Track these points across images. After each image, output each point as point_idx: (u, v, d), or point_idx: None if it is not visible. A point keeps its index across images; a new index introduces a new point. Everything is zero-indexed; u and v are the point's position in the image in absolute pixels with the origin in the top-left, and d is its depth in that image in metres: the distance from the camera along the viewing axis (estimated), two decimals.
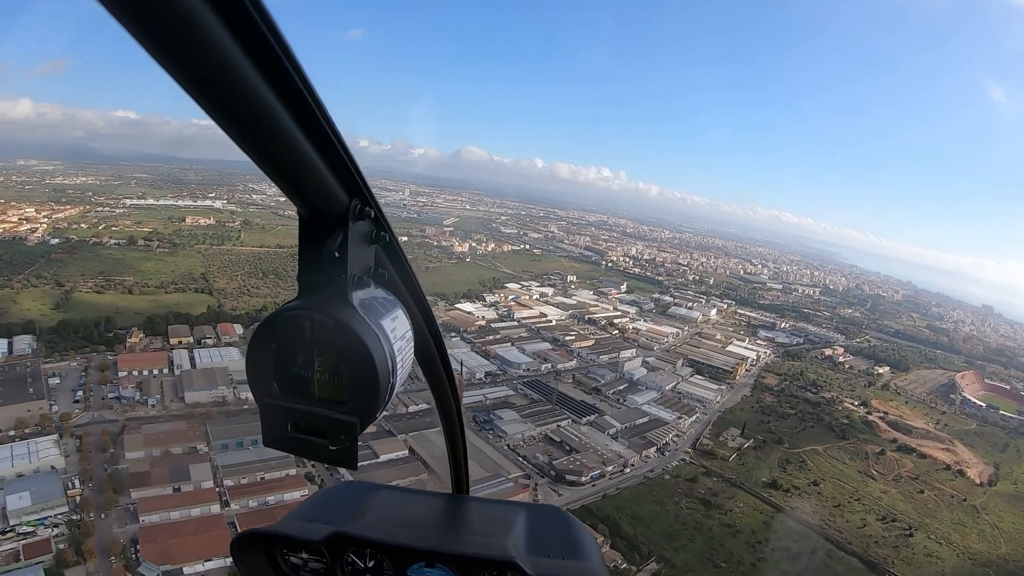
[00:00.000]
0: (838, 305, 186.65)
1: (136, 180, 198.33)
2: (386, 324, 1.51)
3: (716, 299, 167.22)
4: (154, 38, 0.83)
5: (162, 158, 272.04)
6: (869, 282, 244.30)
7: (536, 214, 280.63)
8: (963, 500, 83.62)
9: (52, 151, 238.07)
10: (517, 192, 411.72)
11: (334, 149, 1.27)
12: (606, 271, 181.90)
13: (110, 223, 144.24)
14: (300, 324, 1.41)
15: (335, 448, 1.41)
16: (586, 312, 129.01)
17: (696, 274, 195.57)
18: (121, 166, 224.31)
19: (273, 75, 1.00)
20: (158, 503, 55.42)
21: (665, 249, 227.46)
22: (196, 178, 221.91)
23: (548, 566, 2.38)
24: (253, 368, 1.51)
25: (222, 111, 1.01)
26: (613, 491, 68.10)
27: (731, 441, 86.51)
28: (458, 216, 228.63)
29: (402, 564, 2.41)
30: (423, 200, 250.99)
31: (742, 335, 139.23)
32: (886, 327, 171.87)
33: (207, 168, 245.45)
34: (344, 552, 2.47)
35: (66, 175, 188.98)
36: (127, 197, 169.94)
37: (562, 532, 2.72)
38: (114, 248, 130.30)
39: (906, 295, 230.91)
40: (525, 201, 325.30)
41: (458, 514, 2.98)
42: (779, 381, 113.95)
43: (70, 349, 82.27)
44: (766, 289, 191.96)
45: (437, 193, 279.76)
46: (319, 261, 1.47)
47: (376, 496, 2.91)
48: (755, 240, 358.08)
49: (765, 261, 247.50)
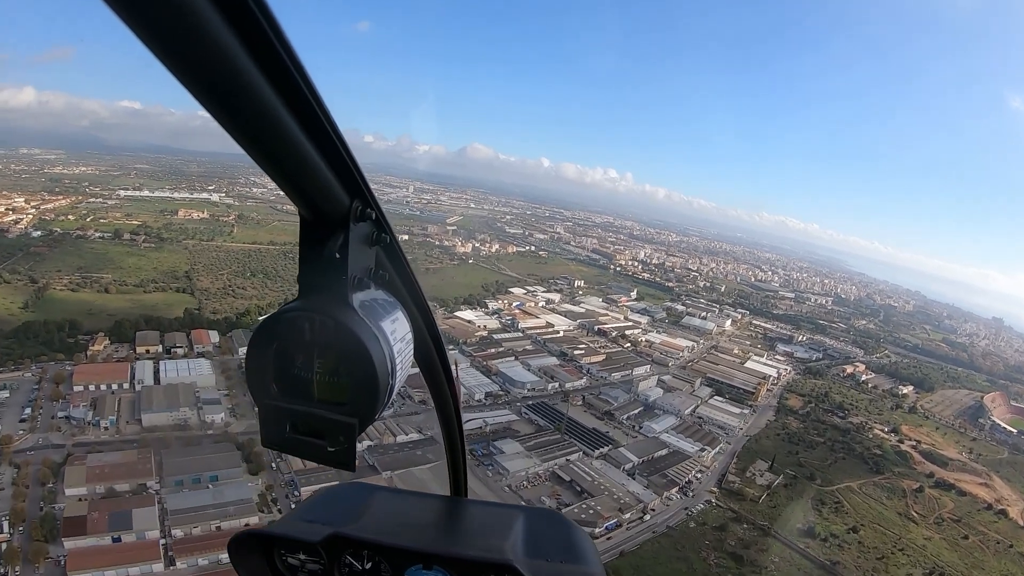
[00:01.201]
0: (852, 316, 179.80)
1: (136, 171, 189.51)
2: (386, 326, 1.50)
3: (729, 308, 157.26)
4: (156, 36, 0.81)
5: (167, 149, 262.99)
6: (879, 291, 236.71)
7: (542, 214, 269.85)
8: (1009, 546, 74.09)
9: (56, 140, 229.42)
10: (522, 191, 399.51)
11: (336, 150, 1.27)
12: (615, 276, 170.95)
13: (99, 215, 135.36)
14: (300, 325, 1.39)
15: (334, 449, 1.39)
16: (596, 322, 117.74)
17: (707, 280, 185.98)
18: (124, 156, 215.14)
19: (276, 75, 0.98)
20: (91, 558, 45.39)
21: (674, 253, 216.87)
22: (198, 170, 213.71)
23: (546, 569, 2.32)
24: (253, 368, 1.45)
25: (225, 111, 1.00)
26: (632, 545, 57.07)
27: (760, 477, 75.70)
28: (462, 215, 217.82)
29: (400, 566, 2.34)
30: (427, 197, 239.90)
31: (760, 349, 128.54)
32: (903, 341, 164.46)
33: (211, 160, 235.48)
34: (342, 553, 2.39)
35: (67, 165, 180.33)
36: (123, 188, 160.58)
37: (560, 536, 2.61)
38: (98, 242, 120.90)
39: (916, 306, 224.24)
40: (530, 201, 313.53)
41: (456, 517, 2.88)
42: (804, 403, 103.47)
43: (27, 357, 72.08)
44: (778, 298, 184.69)
45: (441, 191, 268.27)
46: (320, 262, 1.45)
47: (374, 498, 2.78)
48: (762, 245, 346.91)
49: (774, 267, 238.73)
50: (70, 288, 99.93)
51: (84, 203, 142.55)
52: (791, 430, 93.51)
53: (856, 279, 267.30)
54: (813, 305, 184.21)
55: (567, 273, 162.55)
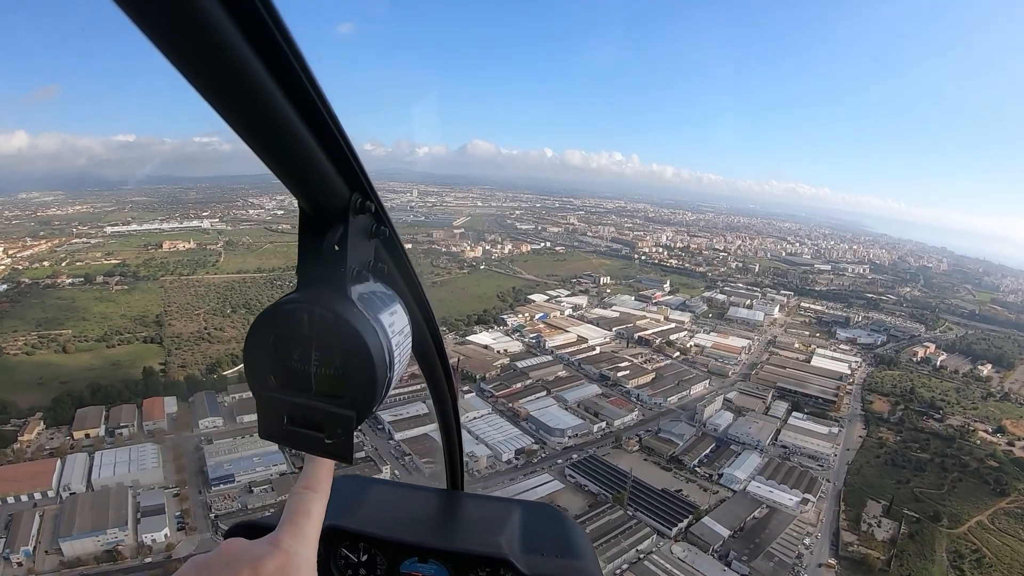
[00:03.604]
0: (894, 284, 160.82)
1: (131, 204, 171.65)
2: (384, 318, 1.41)
3: (771, 290, 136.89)
4: (159, 29, 0.79)
5: (166, 179, 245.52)
6: (909, 252, 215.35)
7: (551, 205, 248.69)
8: None
9: (55, 181, 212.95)
10: (529, 184, 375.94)
11: (336, 143, 1.22)
12: (641, 266, 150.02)
13: (78, 257, 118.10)
14: (298, 317, 1.30)
15: (331, 442, 1.32)
16: (634, 328, 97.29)
17: (737, 260, 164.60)
18: (124, 191, 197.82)
19: (277, 68, 0.96)
20: None
21: (695, 234, 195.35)
22: (196, 196, 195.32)
23: (542, 564, 2.28)
24: (250, 360, 1.36)
25: (226, 104, 0.97)
26: None
27: (878, 527, 56.05)
28: (469, 215, 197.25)
29: (395, 559, 2.30)
30: (432, 200, 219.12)
31: (820, 338, 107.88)
32: (956, 308, 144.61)
33: (210, 185, 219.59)
34: (338, 546, 2.34)
35: (63, 205, 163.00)
36: (113, 224, 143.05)
37: (556, 530, 2.57)
38: (67, 289, 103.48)
39: (950, 264, 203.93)
40: (538, 193, 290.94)
41: (453, 510, 2.80)
42: (891, 406, 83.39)
43: None
44: (816, 272, 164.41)
45: (446, 192, 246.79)
46: (319, 254, 1.38)
47: (371, 491, 2.74)
48: (776, 215, 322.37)
49: (800, 238, 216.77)
50: (25, 352, 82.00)
51: (65, 245, 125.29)
52: (889, 446, 73.47)
53: (882, 241, 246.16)
54: (853, 276, 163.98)
55: (590, 269, 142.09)
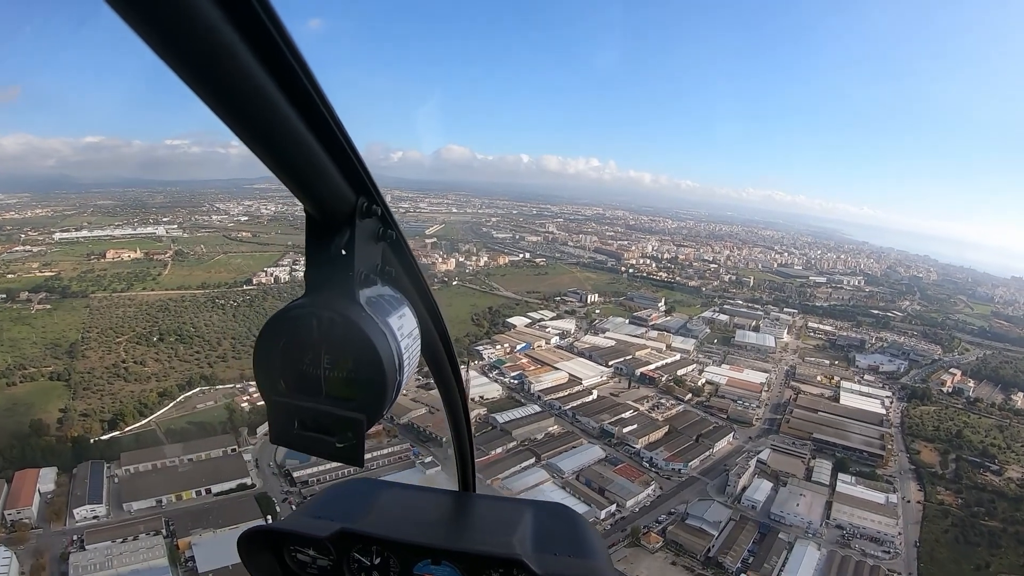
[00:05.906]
0: (891, 296, 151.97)
1: (95, 208, 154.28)
2: (393, 322, 1.42)
3: (773, 308, 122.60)
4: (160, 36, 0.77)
5: (137, 182, 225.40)
6: (895, 261, 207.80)
7: (528, 212, 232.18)
8: None
9: (22, 184, 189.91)
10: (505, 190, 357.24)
11: (341, 147, 1.21)
12: (629, 281, 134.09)
13: (11, 268, 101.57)
14: (307, 322, 1.32)
15: (342, 446, 1.33)
16: (633, 360, 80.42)
17: (729, 272, 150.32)
18: (92, 193, 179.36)
19: (280, 74, 0.94)
20: None
21: (680, 243, 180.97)
22: (163, 200, 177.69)
23: (554, 564, 2.22)
24: (260, 366, 1.37)
25: (230, 111, 0.95)
26: None
27: None
28: (443, 222, 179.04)
29: (408, 561, 2.26)
30: (405, 205, 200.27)
31: (839, 366, 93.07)
32: (965, 325, 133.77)
33: (180, 189, 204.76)
34: (351, 549, 2.30)
35: (23, 209, 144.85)
36: (65, 230, 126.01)
37: (568, 530, 2.51)
38: None
39: (939, 273, 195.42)
40: (515, 199, 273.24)
41: (465, 512, 2.76)
42: (940, 456, 68.93)
43: None
44: (813, 286, 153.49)
45: (420, 197, 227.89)
46: (326, 259, 1.38)
47: (383, 493, 2.71)
48: (756, 222, 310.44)
49: (786, 247, 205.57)
50: None
51: (5, 254, 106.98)
52: (954, 514, 58.44)
53: (865, 250, 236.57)
54: (850, 290, 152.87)
55: (574, 284, 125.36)
